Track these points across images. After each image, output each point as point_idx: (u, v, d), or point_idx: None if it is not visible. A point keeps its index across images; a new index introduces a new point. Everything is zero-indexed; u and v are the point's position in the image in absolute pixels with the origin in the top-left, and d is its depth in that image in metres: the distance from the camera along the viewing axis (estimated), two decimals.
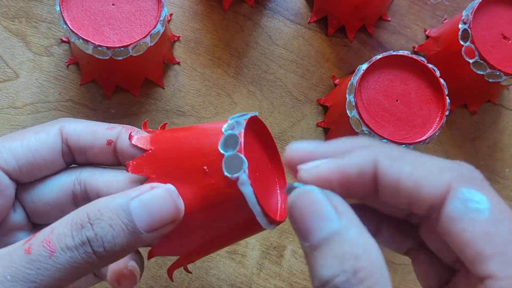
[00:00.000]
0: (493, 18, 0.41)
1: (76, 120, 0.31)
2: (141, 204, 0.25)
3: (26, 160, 0.28)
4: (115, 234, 0.24)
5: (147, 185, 0.26)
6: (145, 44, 0.37)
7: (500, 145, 0.47)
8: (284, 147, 0.44)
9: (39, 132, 0.29)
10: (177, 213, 0.26)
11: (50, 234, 0.23)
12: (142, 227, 0.24)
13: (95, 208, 0.24)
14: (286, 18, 0.47)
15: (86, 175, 0.30)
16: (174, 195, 0.26)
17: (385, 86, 0.39)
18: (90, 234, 0.23)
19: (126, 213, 0.24)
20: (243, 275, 0.41)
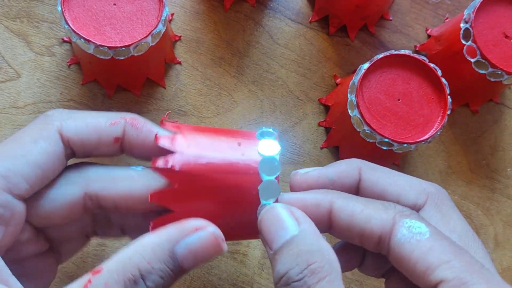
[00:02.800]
0: (495, 17, 0.41)
1: (70, 113, 0.29)
2: (187, 249, 0.25)
3: (36, 178, 0.27)
4: (164, 282, 0.25)
5: (190, 224, 0.26)
6: (146, 44, 0.37)
7: (502, 144, 0.47)
8: (285, 147, 0.44)
9: (37, 141, 0.27)
10: (221, 253, 0.26)
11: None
12: (188, 267, 0.25)
13: (144, 260, 0.24)
14: (288, 17, 0.47)
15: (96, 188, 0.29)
16: (219, 240, 0.26)
17: (386, 86, 0.39)
18: None
19: (173, 260, 0.25)
20: (245, 275, 0.41)
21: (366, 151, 0.41)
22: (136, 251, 0.25)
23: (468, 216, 0.45)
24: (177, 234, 0.25)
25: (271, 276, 0.42)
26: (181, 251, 0.25)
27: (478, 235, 0.44)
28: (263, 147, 0.28)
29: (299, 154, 0.44)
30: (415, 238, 0.24)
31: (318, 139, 0.45)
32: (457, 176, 0.45)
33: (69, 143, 0.28)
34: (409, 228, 0.25)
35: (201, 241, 0.25)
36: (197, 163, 0.27)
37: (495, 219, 0.45)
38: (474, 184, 0.46)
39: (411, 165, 0.45)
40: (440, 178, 0.45)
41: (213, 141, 0.28)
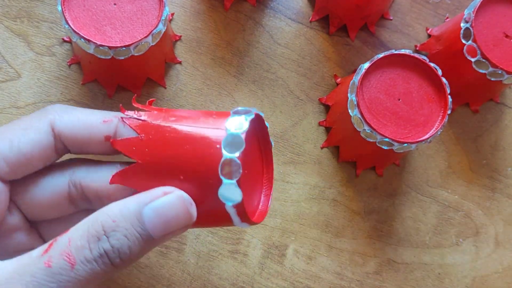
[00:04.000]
0: (495, 17, 0.41)
1: (67, 109, 0.29)
2: (154, 212, 0.25)
3: (18, 162, 0.27)
4: (130, 244, 0.24)
5: (159, 189, 0.26)
6: (146, 43, 0.37)
7: (502, 143, 0.47)
8: (285, 146, 0.44)
9: (27, 130, 0.28)
10: (190, 219, 0.26)
11: (68, 246, 0.23)
12: (156, 234, 0.25)
13: (109, 218, 0.24)
14: (288, 17, 0.47)
15: (80, 175, 0.29)
16: (187, 203, 0.25)
17: (387, 85, 0.39)
18: (107, 247, 0.24)
19: (140, 222, 0.24)
20: (245, 275, 0.41)
21: (366, 151, 0.41)
22: (103, 211, 0.25)
23: (468, 216, 0.45)
24: (145, 198, 0.25)
25: (271, 276, 0.42)
26: (148, 213, 0.24)
27: (478, 235, 0.45)
28: (231, 123, 0.26)
29: (299, 153, 0.44)
30: None
31: (318, 138, 0.45)
32: (457, 176, 0.45)
33: (60, 137, 0.28)
34: None
35: (168, 204, 0.25)
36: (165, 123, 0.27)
37: (495, 219, 0.45)
38: (475, 183, 0.46)
39: (411, 165, 0.45)
40: (440, 177, 0.45)
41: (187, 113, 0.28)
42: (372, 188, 0.44)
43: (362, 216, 0.44)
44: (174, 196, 0.25)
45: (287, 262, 0.42)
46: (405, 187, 0.45)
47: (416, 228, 0.44)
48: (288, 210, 0.43)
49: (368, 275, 0.43)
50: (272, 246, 0.42)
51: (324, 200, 0.43)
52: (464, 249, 0.44)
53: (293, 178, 0.43)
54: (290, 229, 0.43)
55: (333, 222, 0.43)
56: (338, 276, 0.42)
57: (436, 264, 0.44)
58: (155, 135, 0.27)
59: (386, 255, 0.43)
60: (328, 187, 0.44)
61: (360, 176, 0.44)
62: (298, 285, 0.42)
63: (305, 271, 0.42)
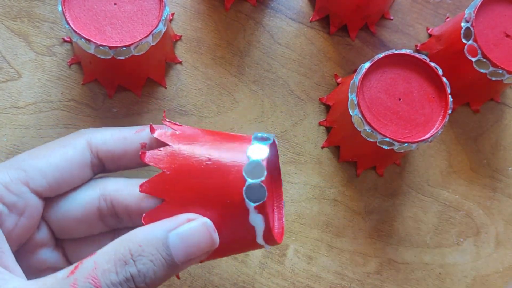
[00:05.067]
0: (496, 17, 0.41)
1: (100, 129, 0.30)
2: (179, 238, 0.25)
3: (54, 178, 0.28)
4: (156, 269, 0.24)
5: (183, 216, 0.26)
6: (147, 43, 0.37)
7: (503, 143, 0.47)
8: (286, 146, 0.44)
9: (65, 147, 0.29)
10: (212, 246, 0.26)
11: (94, 270, 0.24)
12: (180, 260, 0.25)
13: (135, 243, 0.25)
14: (288, 17, 0.47)
15: (111, 190, 0.30)
16: (211, 230, 0.26)
17: (387, 85, 0.39)
18: (134, 271, 0.24)
19: (165, 247, 0.25)
20: (246, 274, 0.41)
21: (367, 151, 0.41)
22: (129, 236, 0.25)
23: (469, 216, 0.45)
24: (170, 224, 0.26)
25: (272, 276, 0.42)
26: (173, 239, 0.25)
27: (479, 235, 0.45)
28: (252, 150, 0.27)
29: (300, 153, 0.44)
30: None
31: (319, 138, 0.45)
32: (458, 176, 0.45)
33: (97, 152, 0.29)
34: None
35: (192, 230, 0.26)
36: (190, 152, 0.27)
37: (496, 219, 0.45)
38: (475, 183, 0.46)
39: (412, 164, 0.45)
40: (441, 177, 0.45)
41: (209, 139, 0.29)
42: (373, 188, 0.44)
43: (363, 216, 0.44)
44: (198, 223, 0.26)
45: (288, 262, 0.42)
46: (406, 187, 0.45)
47: (416, 228, 0.44)
48: (289, 210, 0.43)
49: (368, 275, 0.43)
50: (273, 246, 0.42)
51: (324, 200, 0.43)
52: (464, 249, 0.44)
53: (294, 178, 0.43)
54: (291, 229, 0.43)
55: (333, 222, 0.43)
56: (339, 276, 0.42)
57: (436, 264, 0.44)
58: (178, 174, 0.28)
59: (387, 255, 0.43)
60: (328, 187, 0.44)
61: (361, 176, 0.44)
62: (298, 285, 0.42)
63: (305, 271, 0.42)
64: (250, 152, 0.27)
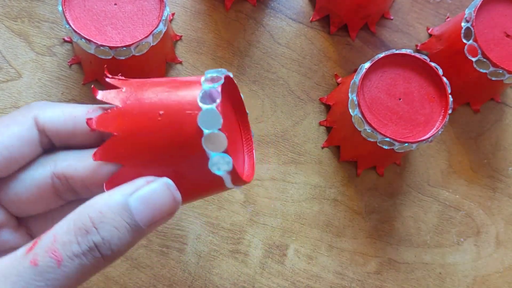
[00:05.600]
0: (496, 16, 0.41)
1: (51, 104, 0.29)
2: (140, 201, 0.24)
3: (2, 158, 0.27)
4: (120, 235, 0.24)
5: (142, 179, 0.25)
6: (147, 43, 0.37)
7: (503, 143, 0.47)
8: (286, 146, 0.44)
9: (10, 126, 0.27)
10: (175, 205, 0.25)
11: (54, 243, 0.23)
12: (144, 223, 0.24)
13: (96, 210, 0.24)
14: (289, 17, 0.47)
15: (63, 166, 0.28)
16: (172, 189, 0.25)
17: (387, 85, 0.39)
18: (97, 239, 0.23)
19: (127, 212, 0.24)
20: (246, 274, 0.41)
21: (367, 151, 0.41)
22: (87, 204, 0.24)
23: (469, 215, 0.45)
24: (130, 188, 0.25)
25: (272, 275, 0.42)
26: (134, 202, 0.24)
27: (480, 235, 0.45)
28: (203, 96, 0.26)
29: (300, 153, 0.44)
30: None
31: (319, 138, 0.45)
32: (458, 176, 0.45)
33: (45, 130, 0.28)
34: None
35: (153, 191, 0.25)
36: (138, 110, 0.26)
37: (496, 218, 0.45)
38: (475, 183, 0.46)
39: (412, 164, 0.45)
40: (441, 177, 0.45)
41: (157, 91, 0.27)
42: (373, 188, 0.44)
43: (363, 216, 0.44)
44: (158, 183, 0.25)
45: (288, 262, 0.42)
46: (406, 186, 0.45)
47: (417, 227, 0.44)
48: (289, 210, 0.43)
49: (369, 274, 0.43)
50: (273, 246, 0.42)
51: (325, 200, 0.43)
52: (465, 248, 0.44)
53: (294, 177, 0.43)
54: (291, 228, 0.43)
55: (334, 221, 0.43)
56: (339, 276, 0.42)
57: (437, 264, 0.44)
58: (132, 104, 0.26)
59: (387, 255, 0.43)
60: (329, 186, 0.44)
61: (361, 176, 0.44)
62: (299, 285, 0.42)
63: (306, 271, 0.42)
64: (201, 99, 0.25)
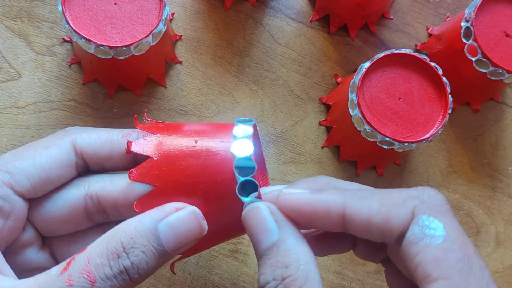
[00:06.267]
0: (496, 16, 0.41)
1: (86, 129, 0.30)
2: (168, 227, 0.26)
3: (40, 179, 0.28)
4: (148, 259, 0.25)
5: (171, 205, 0.27)
6: (147, 43, 0.37)
7: (503, 143, 0.47)
8: (286, 146, 0.44)
9: (49, 148, 0.29)
10: (201, 233, 0.27)
11: (88, 265, 0.24)
12: (170, 248, 0.26)
13: (126, 235, 0.25)
14: (288, 16, 0.47)
15: (96, 188, 0.30)
16: (199, 217, 0.27)
17: (387, 85, 0.39)
18: (127, 264, 0.24)
19: (155, 237, 0.25)
20: (246, 274, 0.41)
21: (367, 150, 0.41)
22: (119, 229, 0.25)
23: (469, 215, 0.45)
24: (159, 214, 0.26)
25: None
26: (162, 228, 0.26)
27: (479, 234, 0.44)
28: (237, 130, 0.27)
29: (300, 153, 0.44)
30: (424, 242, 0.22)
31: (319, 138, 0.45)
32: (458, 175, 0.45)
33: (82, 153, 0.29)
34: (423, 228, 0.23)
35: (181, 218, 0.26)
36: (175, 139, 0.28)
37: (496, 218, 0.45)
38: (475, 183, 0.46)
39: (412, 164, 0.45)
40: (441, 177, 0.45)
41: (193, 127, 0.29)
42: None
43: None
44: (186, 211, 0.27)
45: None
46: (406, 186, 0.45)
47: None
48: None
49: (369, 274, 0.43)
50: None
51: None
52: None
53: (294, 177, 0.43)
54: None
55: None
56: (339, 276, 0.42)
57: None
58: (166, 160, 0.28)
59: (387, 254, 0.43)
60: None
61: (361, 176, 0.44)
62: None
63: None
64: (235, 132, 0.27)
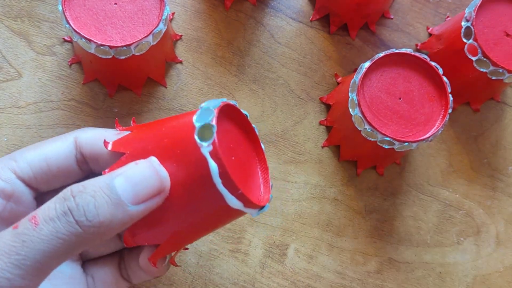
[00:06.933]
0: (496, 16, 0.41)
1: (92, 128, 0.31)
2: (125, 179, 0.25)
3: (41, 168, 0.29)
4: (97, 204, 0.24)
5: (131, 163, 0.26)
6: (147, 43, 0.37)
7: (503, 142, 0.47)
8: (286, 145, 0.44)
9: (55, 141, 0.30)
10: (161, 182, 0.26)
11: (36, 211, 0.24)
12: (128, 198, 0.25)
13: (79, 184, 0.25)
14: (289, 16, 0.47)
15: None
16: (155, 165, 0.26)
17: (387, 84, 0.39)
18: (71, 204, 0.24)
19: (110, 187, 0.25)
20: (246, 274, 0.41)
21: (367, 150, 0.41)
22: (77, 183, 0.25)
23: (469, 215, 0.45)
24: (118, 170, 0.26)
25: (272, 275, 0.42)
26: (119, 181, 0.25)
27: (480, 234, 0.45)
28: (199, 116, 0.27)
29: (300, 153, 0.44)
30: None
31: (319, 138, 0.45)
32: (458, 175, 0.45)
33: (81, 148, 0.30)
34: None
35: (137, 169, 0.25)
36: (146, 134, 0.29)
37: (496, 218, 0.45)
38: (476, 182, 0.46)
39: (412, 164, 0.45)
40: (441, 176, 0.45)
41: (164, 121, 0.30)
42: (373, 187, 0.44)
43: (363, 215, 0.44)
44: (142, 162, 0.26)
45: (288, 261, 0.42)
46: (406, 186, 0.45)
47: (417, 227, 0.44)
48: (289, 209, 0.43)
49: (369, 274, 0.43)
50: (273, 245, 0.42)
51: (325, 199, 0.43)
52: (465, 248, 0.44)
53: (294, 177, 0.43)
54: (291, 228, 0.43)
55: (334, 221, 0.43)
56: (339, 275, 0.42)
57: (437, 263, 0.44)
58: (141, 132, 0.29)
59: (387, 254, 0.43)
60: (329, 186, 0.44)
61: (361, 175, 0.44)
62: (299, 284, 0.42)
63: (306, 270, 0.42)
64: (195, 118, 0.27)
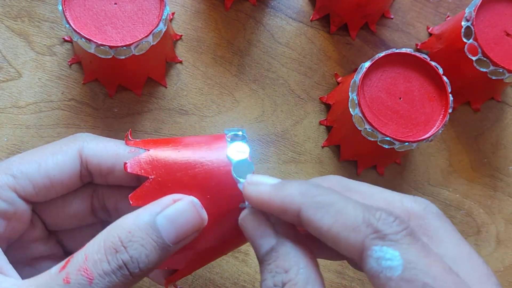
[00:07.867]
0: (496, 15, 0.41)
1: (95, 138, 0.30)
2: (167, 219, 0.25)
3: (43, 185, 0.28)
4: (148, 253, 0.24)
5: (168, 197, 0.26)
6: (147, 43, 0.37)
7: (503, 142, 0.47)
8: (286, 145, 0.44)
9: (56, 154, 0.29)
10: (201, 223, 0.26)
11: (85, 261, 0.24)
12: (171, 241, 0.25)
13: (124, 230, 0.25)
14: (289, 16, 0.47)
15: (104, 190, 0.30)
16: (197, 207, 0.26)
17: (388, 84, 0.39)
18: (126, 258, 0.24)
19: (154, 230, 0.25)
20: (246, 274, 0.41)
21: (367, 150, 0.41)
22: (117, 224, 0.25)
23: (469, 215, 0.45)
24: (157, 207, 0.26)
25: None
26: (161, 221, 0.25)
27: (480, 234, 0.44)
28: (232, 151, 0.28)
29: (300, 153, 0.44)
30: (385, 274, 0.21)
31: (319, 138, 0.45)
32: (458, 175, 0.45)
33: (87, 163, 0.29)
34: (378, 260, 0.21)
35: (179, 209, 0.26)
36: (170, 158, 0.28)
37: (496, 218, 0.45)
38: (476, 182, 0.46)
39: (412, 163, 0.45)
40: (441, 176, 0.45)
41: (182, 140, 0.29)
42: None
43: None
44: (184, 202, 0.26)
45: None
46: (406, 186, 0.45)
47: None
48: None
49: None
50: None
51: None
52: None
53: (294, 177, 0.43)
54: None
55: None
56: (340, 275, 0.42)
57: None
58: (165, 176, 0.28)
59: None
60: None
61: (361, 175, 0.44)
62: None
63: None
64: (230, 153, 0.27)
